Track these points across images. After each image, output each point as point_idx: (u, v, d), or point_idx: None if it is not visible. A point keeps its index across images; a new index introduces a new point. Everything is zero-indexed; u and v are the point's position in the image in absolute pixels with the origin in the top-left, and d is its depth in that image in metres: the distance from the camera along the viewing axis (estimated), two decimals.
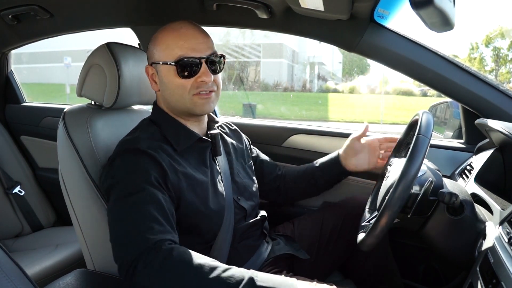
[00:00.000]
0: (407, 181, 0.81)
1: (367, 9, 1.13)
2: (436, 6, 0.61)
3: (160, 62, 0.97)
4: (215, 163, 1.06)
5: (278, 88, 19.17)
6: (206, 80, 0.95)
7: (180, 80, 0.95)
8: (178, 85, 0.95)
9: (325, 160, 1.27)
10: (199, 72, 0.95)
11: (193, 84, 0.95)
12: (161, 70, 0.97)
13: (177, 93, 0.97)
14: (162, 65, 0.96)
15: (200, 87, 0.96)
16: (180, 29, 0.96)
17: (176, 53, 0.94)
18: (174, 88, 0.96)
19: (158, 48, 0.98)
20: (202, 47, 0.96)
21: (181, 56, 0.94)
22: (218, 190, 1.01)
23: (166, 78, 0.97)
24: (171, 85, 0.96)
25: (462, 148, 1.34)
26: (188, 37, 0.95)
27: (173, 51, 0.94)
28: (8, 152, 1.83)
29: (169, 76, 0.96)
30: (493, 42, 20.36)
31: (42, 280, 1.38)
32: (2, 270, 0.48)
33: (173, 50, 0.94)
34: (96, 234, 1.04)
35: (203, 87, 0.96)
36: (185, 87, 0.95)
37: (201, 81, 0.95)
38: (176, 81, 0.95)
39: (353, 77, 24.76)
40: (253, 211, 1.12)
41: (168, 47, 0.95)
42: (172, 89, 0.97)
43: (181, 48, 0.94)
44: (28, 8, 1.44)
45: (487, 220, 0.90)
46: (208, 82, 0.95)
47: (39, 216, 1.82)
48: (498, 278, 0.68)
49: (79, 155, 1.03)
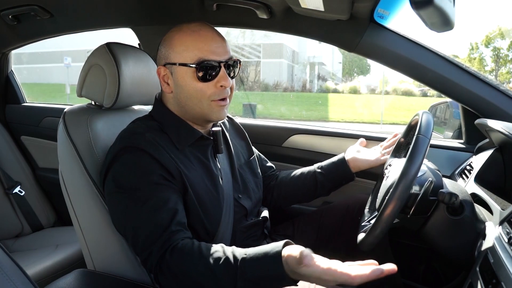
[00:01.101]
0: (407, 181, 0.81)
1: (367, 9, 1.13)
2: (436, 6, 0.61)
3: (177, 64, 0.93)
4: (216, 161, 1.05)
5: (278, 88, 19.17)
6: (225, 85, 0.93)
7: (199, 84, 0.92)
8: (197, 89, 0.93)
9: (327, 163, 1.24)
10: (218, 77, 0.93)
11: (213, 90, 0.93)
12: (178, 71, 0.94)
13: (195, 97, 0.94)
14: (179, 66, 0.93)
15: (220, 93, 0.94)
16: (199, 31, 0.93)
17: (195, 55, 0.91)
18: (192, 91, 0.93)
19: (175, 49, 0.94)
20: (221, 51, 0.93)
21: (201, 58, 0.91)
22: (217, 188, 1.00)
23: (183, 81, 0.93)
24: (188, 88, 0.93)
25: (462, 148, 1.34)
26: (208, 40, 0.93)
27: (192, 53, 0.91)
28: (8, 152, 1.83)
29: (187, 79, 0.93)
30: (493, 42, 20.37)
31: (42, 280, 1.38)
32: (2, 270, 0.48)
33: (192, 52, 0.91)
34: (96, 234, 1.04)
35: (223, 93, 0.94)
36: (204, 92, 0.93)
37: (220, 86, 0.93)
38: (194, 85, 0.92)
39: (353, 77, 24.77)
40: (255, 208, 1.12)
41: (187, 48, 0.92)
42: (189, 92, 0.94)
43: (201, 50, 0.91)
44: (28, 8, 1.44)
45: (487, 220, 0.90)
46: (227, 86, 0.93)
47: (39, 216, 1.82)
48: (498, 278, 0.68)
49: (79, 155, 1.03)
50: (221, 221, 0.99)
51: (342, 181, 1.22)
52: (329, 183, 1.21)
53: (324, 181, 1.21)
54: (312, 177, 1.22)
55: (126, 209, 0.88)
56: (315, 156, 1.52)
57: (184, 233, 0.85)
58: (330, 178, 1.21)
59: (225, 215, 1.00)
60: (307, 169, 1.26)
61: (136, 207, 0.86)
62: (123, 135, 0.96)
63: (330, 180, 1.21)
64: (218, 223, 0.98)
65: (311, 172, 1.24)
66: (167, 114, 1.00)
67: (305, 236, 1.22)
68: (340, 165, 1.21)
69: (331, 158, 1.25)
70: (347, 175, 1.20)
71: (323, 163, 1.24)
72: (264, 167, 1.28)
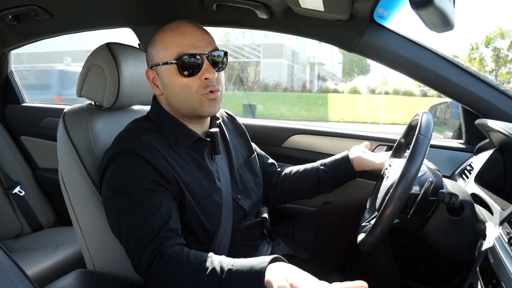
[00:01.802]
0: (407, 181, 0.81)
1: (367, 9, 1.13)
2: (436, 6, 0.61)
3: (160, 63, 0.93)
4: (214, 162, 1.04)
5: (278, 88, 19.16)
6: (210, 77, 0.91)
7: (183, 80, 0.92)
8: (182, 85, 0.92)
9: (331, 160, 1.24)
10: (202, 69, 0.92)
11: (199, 83, 0.92)
12: (162, 71, 0.94)
13: (182, 93, 0.93)
14: (163, 66, 0.93)
15: (207, 86, 0.92)
16: (178, 28, 0.94)
17: (175, 51, 0.91)
18: (179, 88, 0.93)
19: (156, 49, 0.95)
20: (202, 44, 0.93)
21: (180, 53, 0.91)
22: (216, 189, 0.99)
23: (168, 79, 0.93)
24: (174, 85, 0.93)
25: (462, 148, 1.34)
26: (187, 35, 0.93)
27: (172, 50, 0.91)
28: (8, 152, 1.83)
29: (171, 76, 0.93)
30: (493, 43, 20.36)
31: (42, 280, 1.38)
32: (2, 270, 0.48)
33: (172, 48, 0.92)
34: (96, 234, 1.04)
35: (210, 86, 0.93)
36: (191, 87, 0.92)
37: (205, 79, 0.92)
38: (179, 81, 0.92)
39: (353, 78, 24.75)
40: (254, 209, 1.11)
41: (167, 46, 0.92)
42: (176, 89, 0.93)
43: (180, 45, 0.91)
44: (28, 8, 1.44)
45: (487, 220, 0.90)
46: (212, 78, 0.92)
47: (39, 216, 1.82)
48: (498, 279, 0.68)
49: (79, 155, 1.03)
50: (221, 223, 0.98)
51: (345, 178, 1.22)
52: (332, 180, 1.21)
53: (327, 178, 1.21)
54: (315, 173, 1.22)
55: (119, 213, 0.88)
56: (315, 156, 1.51)
57: (175, 239, 0.85)
58: (333, 175, 1.21)
59: (224, 216, 0.99)
60: (310, 166, 1.26)
61: (128, 211, 0.87)
62: (118, 138, 0.96)
63: (333, 177, 1.21)
64: (218, 225, 0.98)
65: (314, 168, 1.24)
66: (163, 115, 1.00)
67: (305, 236, 1.22)
68: (344, 163, 1.21)
69: (334, 156, 1.25)
70: (350, 173, 1.20)
71: (326, 160, 1.25)
72: (266, 164, 1.27)
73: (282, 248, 1.13)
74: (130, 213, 0.86)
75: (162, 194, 0.89)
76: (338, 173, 1.21)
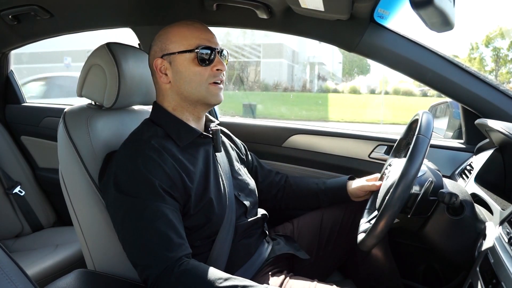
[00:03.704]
0: (407, 181, 0.81)
1: (367, 9, 1.13)
2: (436, 6, 0.61)
3: (176, 52, 0.99)
4: (216, 160, 1.07)
5: (278, 88, 19.15)
6: (221, 68, 1.01)
7: (198, 68, 0.99)
8: (196, 73, 0.99)
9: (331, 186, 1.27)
10: (215, 61, 1.00)
11: (210, 73, 1.00)
12: (177, 59, 0.99)
13: (194, 80, 1.00)
14: (178, 54, 0.99)
15: (215, 76, 1.01)
16: (193, 24, 1.03)
17: (194, 42, 0.99)
18: (192, 75, 0.99)
19: (173, 40, 1.00)
20: (214, 41, 1.03)
21: (199, 44, 0.99)
22: (220, 185, 1.02)
23: (183, 66, 0.99)
24: (188, 72, 0.99)
25: (462, 148, 1.34)
26: (203, 31, 1.02)
27: (191, 41, 0.99)
28: (8, 152, 1.83)
29: (187, 64, 0.99)
30: (493, 42, 20.35)
31: (42, 280, 1.38)
32: (2, 270, 0.48)
33: (191, 40, 0.99)
34: (96, 234, 1.04)
35: (218, 76, 1.01)
36: (202, 75, 0.99)
37: (217, 70, 1.01)
38: (194, 69, 0.99)
39: (353, 77, 24.74)
40: (253, 208, 1.13)
41: (186, 37, 1.00)
42: (189, 76, 1.00)
43: (199, 38, 1.00)
44: (28, 8, 1.44)
45: (487, 220, 0.90)
46: (223, 70, 1.02)
47: (39, 216, 1.82)
48: (498, 278, 0.68)
49: (79, 155, 1.03)
50: (224, 218, 1.00)
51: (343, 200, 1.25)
52: (330, 201, 1.27)
53: (326, 200, 1.26)
54: (315, 196, 1.27)
55: (125, 215, 0.89)
56: (315, 156, 1.52)
57: (186, 247, 0.88)
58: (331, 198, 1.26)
59: (227, 211, 1.01)
60: (311, 186, 1.28)
61: (135, 215, 0.87)
62: (128, 142, 0.98)
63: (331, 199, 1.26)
64: (222, 220, 0.99)
65: (313, 191, 1.27)
66: (165, 115, 1.03)
67: (304, 236, 1.22)
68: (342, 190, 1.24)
69: (336, 180, 1.28)
70: (346, 199, 1.24)
71: (327, 184, 1.27)
72: (265, 174, 1.30)
73: (282, 248, 1.13)
74: (138, 216, 0.87)
75: (168, 198, 0.90)
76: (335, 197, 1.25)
